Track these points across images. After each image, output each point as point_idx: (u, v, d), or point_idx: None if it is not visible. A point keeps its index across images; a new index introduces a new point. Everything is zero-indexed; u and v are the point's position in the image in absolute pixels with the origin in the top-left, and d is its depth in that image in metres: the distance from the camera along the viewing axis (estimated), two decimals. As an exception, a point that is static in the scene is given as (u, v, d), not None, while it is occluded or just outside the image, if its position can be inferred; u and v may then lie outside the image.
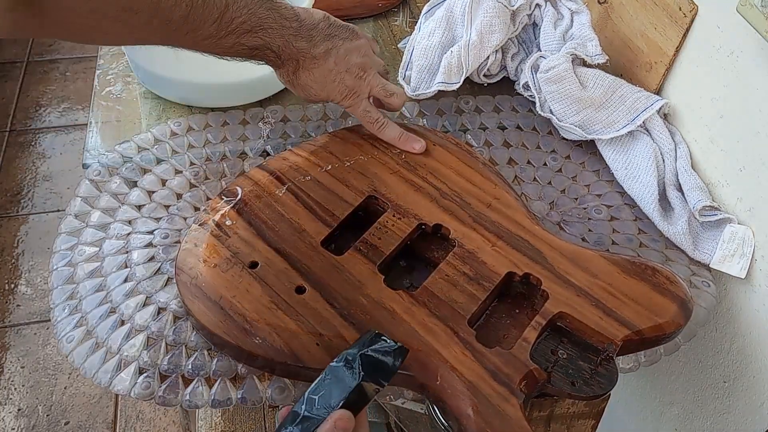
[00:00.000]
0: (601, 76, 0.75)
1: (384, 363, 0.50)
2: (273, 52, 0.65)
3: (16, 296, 1.57)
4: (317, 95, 0.70)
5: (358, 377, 0.48)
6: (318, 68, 0.68)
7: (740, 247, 0.67)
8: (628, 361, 0.61)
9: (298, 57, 0.67)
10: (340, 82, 0.69)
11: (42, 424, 1.36)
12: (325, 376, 0.49)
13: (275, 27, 0.64)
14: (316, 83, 0.69)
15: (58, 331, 0.60)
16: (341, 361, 0.49)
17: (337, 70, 0.68)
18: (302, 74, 0.68)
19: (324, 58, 0.67)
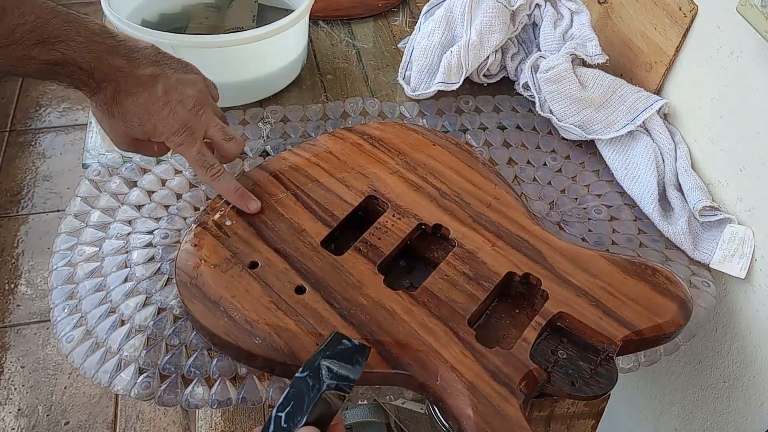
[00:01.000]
0: (601, 76, 0.75)
1: (348, 364, 0.47)
2: (82, 69, 0.56)
3: (16, 296, 1.57)
4: (141, 126, 0.60)
5: (321, 387, 0.45)
6: (144, 93, 0.58)
7: (740, 247, 0.66)
8: (628, 361, 0.61)
9: (117, 78, 0.58)
10: (171, 113, 0.59)
11: (42, 424, 1.36)
12: (290, 390, 0.46)
13: (79, 40, 0.56)
14: (142, 111, 0.59)
15: (58, 331, 0.60)
16: (305, 371, 0.46)
17: (166, 99, 0.59)
18: (124, 99, 0.58)
19: (151, 83, 0.59)
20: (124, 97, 0.58)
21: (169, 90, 0.59)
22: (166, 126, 0.60)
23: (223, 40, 0.76)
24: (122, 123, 0.59)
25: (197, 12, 0.92)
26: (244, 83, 0.81)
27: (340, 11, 1.00)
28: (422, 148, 0.71)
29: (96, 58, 0.56)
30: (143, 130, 0.60)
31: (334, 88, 0.87)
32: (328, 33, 0.97)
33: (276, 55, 0.82)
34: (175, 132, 0.60)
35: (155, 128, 0.60)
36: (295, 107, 0.82)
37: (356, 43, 0.95)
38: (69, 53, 0.55)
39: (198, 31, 0.89)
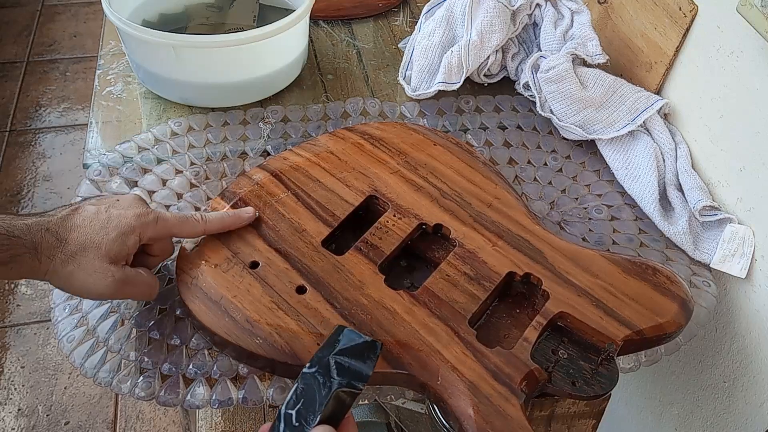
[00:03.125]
0: (601, 75, 0.75)
1: (359, 360, 0.45)
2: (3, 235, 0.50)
3: (16, 296, 1.57)
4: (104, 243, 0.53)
5: (332, 385, 0.44)
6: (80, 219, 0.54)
7: (740, 246, 0.67)
8: (629, 361, 0.61)
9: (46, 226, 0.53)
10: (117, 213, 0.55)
11: (42, 424, 1.36)
12: (299, 386, 0.44)
13: None
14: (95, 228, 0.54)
15: (58, 331, 0.60)
16: (314, 367, 0.45)
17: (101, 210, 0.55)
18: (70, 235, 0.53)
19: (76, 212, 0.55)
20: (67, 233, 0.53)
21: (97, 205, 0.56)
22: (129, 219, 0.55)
23: (223, 40, 0.76)
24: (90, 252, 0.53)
25: (198, 12, 0.92)
26: (244, 83, 0.81)
27: (340, 11, 1.00)
28: (423, 148, 0.71)
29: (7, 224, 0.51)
30: (116, 238, 0.54)
31: (335, 88, 0.87)
32: (328, 33, 0.97)
33: (276, 55, 0.82)
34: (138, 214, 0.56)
35: (123, 225, 0.55)
36: (296, 107, 0.82)
37: (357, 43, 0.95)
38: None
39: (199, 31, 0.89)
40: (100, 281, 0.53)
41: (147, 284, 0.57)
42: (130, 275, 0.55)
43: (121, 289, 0.54)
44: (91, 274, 0.53)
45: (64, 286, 0.54)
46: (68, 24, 2.34)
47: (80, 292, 0.54)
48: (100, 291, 0.54)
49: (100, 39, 0.94)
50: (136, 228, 0.55)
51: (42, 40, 2.27)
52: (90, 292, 0.54)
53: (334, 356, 0.45)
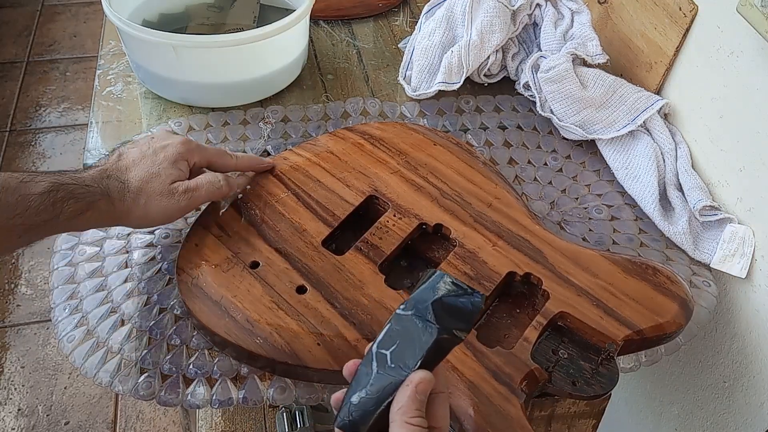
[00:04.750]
0: (601, 75, 0.75)
1: (461, 310, 0.42)
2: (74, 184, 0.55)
3: (16, 296, 1.57)
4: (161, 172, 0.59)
5: (435, 331, 0.41)
6: (129, 161, 0.59)
7: (740, 246, 0.67)
8: (629, 361, 0.61)
9: (105, 174, 0.58)
10: (159, 145, 0.60)
11: (42, 424, 1.36)
12: (392, 327, 0.42)
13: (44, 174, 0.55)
14: (146, 164, 0.59)
15: (58, 331, 0.60)
16: (410, 309, 0.42)
17: (143, 149, 0.60)
18: (128, 175, 0.58)
19: (120, 157, 0.60)
20: (125, 174, 0.58)
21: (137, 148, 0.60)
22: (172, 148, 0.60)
23: (223, 40, 0.76)
24: (151, 182, 0.59)
25: (198, 12, 0.92)
26: (244, 83, 0.81)
27: (340, 11, 1.00)
28: (423, 148, 0.71)
29: (68, 178, 0.55)
30: (170, 162, 0.60)
31: (335, 88, 0.87)
32: (328, 33, 0.97)
33: (277, 55, 0.82)
34: (183, 146, 0.61)
35: (172, 154, 0.60)
36: (296, 107, 0.82)
37: (357, 43, 0.95)
38: (51, 179, 0.54)
39: (199, 31, 0.89)
40: (171, 199, 0.59)
41: (209, 181, 0.62)
42: (191, 183, 0.61)
43: (192, 197, 0.60)
44: (161, 197, 0.59)
45: (144, 220, 0.60)
46: (68, 24, 2.34)
47: (160, 217, 0.60)
48: (177, 207, 0.60)
49: (100, 39, 0.94)
50: (183, 154, 0.61)
51: (42, 40, 2.27)
52: (169, 214, 0.60)
53: (435, 302, 0.42)
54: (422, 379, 0.40)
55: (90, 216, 0.56)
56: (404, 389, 0.40)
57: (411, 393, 0.40)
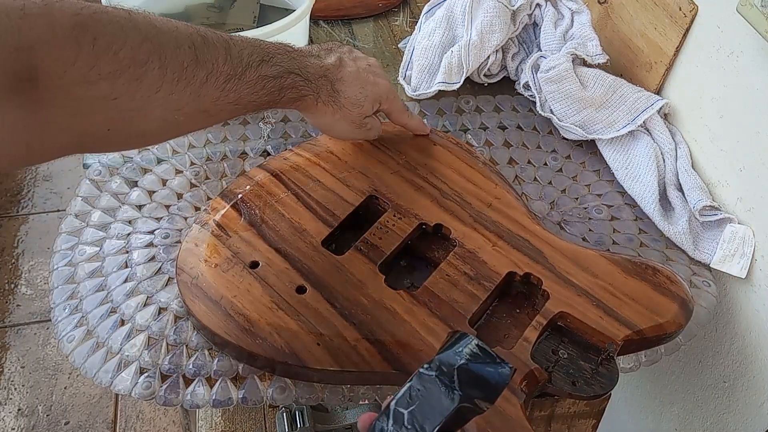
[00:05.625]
0: (601, 75, 0.75)
1: (487, 381, 0.41)
2: (299, 76, 0.59)
3: (16, 296, 1.57)
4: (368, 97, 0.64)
5: (458, 398, 0.40)
6: (347, 73, 0.63)
7: (740, 246, 0.67)
8: (629, 361, 0.61)
9: (324, 73, 0.61)
10: (373, 79, 0.65)
11: (42, 424, 1.36)
12: (413, 385, 0.41)
13: (281, 53, 0.59)
14: (358, 86, 0.63)
15: (58, 331, 0.60)
16: (434, 371, 0.41)
17: (359, 71, 0.64)
18: (340, 87, 0.62)
19: (342, 65, 0.63)
20: (339, 84, 0.63)
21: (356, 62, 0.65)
22: (381, 87, 0.65)
23: (223, 40, 0.76)
24: (352, 107, 0.64)
25: (198, 12, 0.92)
26: (244, 83, 0.81)
27: (340, 11, 1.00)
28: (423, 148, 0.71)
29: (300, 65, 0.60)
30: (373, 99, 0.65)
31: (335, 88, 0.87)
32: (328, 33, 0.97)
33: (276, 55, 0.82)
34: (388, 88, 0.67)
35: (378, 93, 0.65)
36: (296, 107, 0.82)
37: (357, 43, 0.95)
38: (284, 65, 0.58)
39: (198, 31, 0.89)
40: (356, 130, 0.66)
41: (378, 128, 0.69)
42: (374, 123, 0.68)
43: (366, 134, 0.68)
44: (351, 124, 0.65)
45: (327, 129, 0.67)
46: (68, 24, 2.34)
47: (338, 135, 0.68)
48: (354, 136, 0.68)
49: (100, 39, 0.94)
50: (383, 98, 0.66)
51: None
52: (346, 136, 0.68)
53: (460, 368, 0.41)
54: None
55: (298, 105, 0.61)
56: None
57: None
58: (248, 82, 0.55)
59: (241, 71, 0.54)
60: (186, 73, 0.50)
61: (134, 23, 0.47)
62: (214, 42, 0.53)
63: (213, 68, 0.52)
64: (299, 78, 0.59)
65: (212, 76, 0.52)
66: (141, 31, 0.47)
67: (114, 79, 0.45)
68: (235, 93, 0.54)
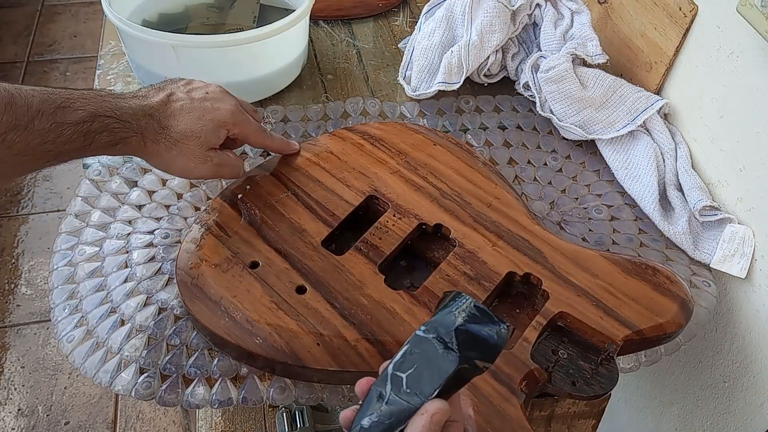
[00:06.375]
0: (601, 76, 0.75)
1: (485, 341, 0.40)
2: (111, 118, 0.55)
3: (16, 296, 1.57)
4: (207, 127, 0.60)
5: (456, 360, 0.39)
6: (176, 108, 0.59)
7: (740, 246, 0.67)
8: (629, 361, 0.61)
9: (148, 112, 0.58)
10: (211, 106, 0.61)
11: (42, 424, 1.36)
12: (411, 348, 0.40)
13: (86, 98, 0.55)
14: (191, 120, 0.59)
15: (58, 330, 0.60)
16: (431, 333, 0.40)
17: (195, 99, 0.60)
18: (171, 123, 0.59)
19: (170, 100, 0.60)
20: (168, 120, 0.59)
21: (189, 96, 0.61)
22: (222, 112, 0.61)
23: (223, 40, 0.76)
24: (188, 140, 0.60)
25: (198, 12, 0.92)
26: (244, 83, 0.81)
27: (340, 11, 1.00)
28: (423, 148, 0.71)
29: (109, 106, 0.56)
30: (214, 127, 0.61)
31: (335, 88, 0.87)
32: (328, 33, 0.97)
33: (276, 55, 0.82)
34: (232, 112, 0.62)
35: (220, 119, 0.61)
36: (296, 107, 0.82)
37: (357, 43, 0.95)
38: (89, 108, 0.55)
39: (199, 31, 0.89)
40: (201, 165, 0.61)
41: (235, 165, 0.65)
42: (223, 158, 0.63)
43: (216, 170, 0.63)
44: (193, 159, 0.60)
45: (166, 168, 0.62)
46: (68, 24, 2.34)
47: (181, 173, 0.63)
48: (200, 173, 0.62)
49: (100, 39, 0.94)
50: (228, 123, 0.62)
51: (42, 40, 2.26)
52: (191, 173, 0.62)
53: (458, 329, 0.40)
54: (438, 410, 0.39)
55: (119, 149, 0.58)
56: (419, 418, 0.38)
57: (426, 423, 0.38)
58: (38, 132, 0.52)
59: (27, 121, 0.51)
60: None
61: None
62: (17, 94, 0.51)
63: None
64: (112, 120, 0.56)
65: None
66: None
67: None
68: (20, 144, 0.51)
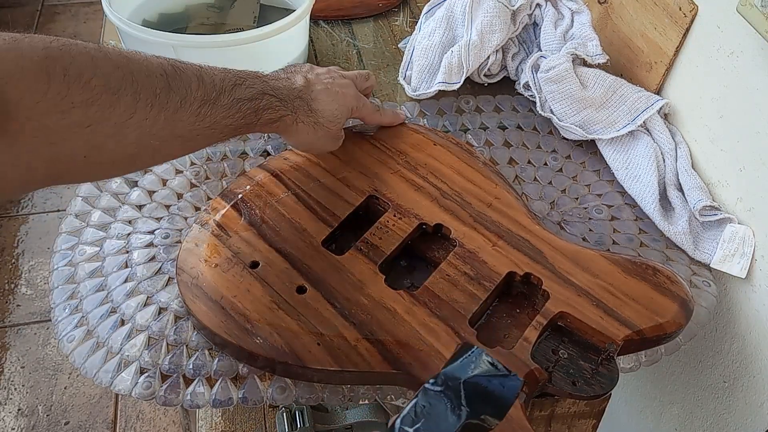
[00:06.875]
0: (601, 75, 0.75)
1: (494, 395, 0.39)
2: (273, 97, 0.60)
3: (16, 296, 1.57)
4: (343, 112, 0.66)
5: (465, 415, 0.38)
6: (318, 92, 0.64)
7: (740, 246, 0.67)
8: (629, 361, 0.61)
9: (297, 94, 0.63)
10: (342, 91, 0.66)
11: (42, 424, 1.36)
12: (419, 402, 0.40)
13: (253, 77, 0.60)
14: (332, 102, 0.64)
15: (58, 330, 0.60)
16: (439, 385, 0.40)
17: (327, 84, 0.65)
18: (316, 105, 0.63)
19: (310, 84, 0.64)
20: (315, 104, 0.63)
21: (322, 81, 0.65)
22: (350, 97, 0.67)
23: (223, 40, 0.76)
24: (332, 123, 0.65)
25: (198, 12, 0.92)
26: (244, 83, 0.81)
27: (340, 11, 1.00)
28: (423, 148, 0.71)
29: (270, 86, 0.60)
30: (347, 110, 0.66)
31: (335, 88, 0.87)
32: (328, 33, 0.97)
33: (277, 55, 0.82)
34: (356, 95, 0.68)
35: (350, 103, 0.66)
36: (296, 107, 0.82)
37: (357, 43, 0.95)
38: (256, 87, 0.59)
39: (199, 31, 0.89)
40: (335, 143, 0.68)
41: (343, 135, 0.69)
42: (342, 133, 0.68)
43: (339, 145, 0.69)
44: (332, 139, 0.67)
45: (308, 147, 0.68)
46: (68, 24, 2.34)
47: (320, 151, 0.69)
48: (333, 148, 0.69)
49: (100, 39, 0.94)
50: (353, 106, 0.67)
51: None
52: (325, 150, 0.69)
53: (467, 382, 0.40)
54: None
55: (276, 126, 0.62)
56: None
57: None
58: (223, 106, 0.56)
59: (215, 96, 0.55)
60: (159, 99, 0.51)
61: (104, 53, 0.48)
62: (185, 70, 0.54)
63: (186, 94, 0.53)
64: (274, 99, 0.60)
65: (186, 101, 0.53)
66: (112, 61, 0.48)
67: (87, 107, 0.46)
68: (210, 117, 0.55)
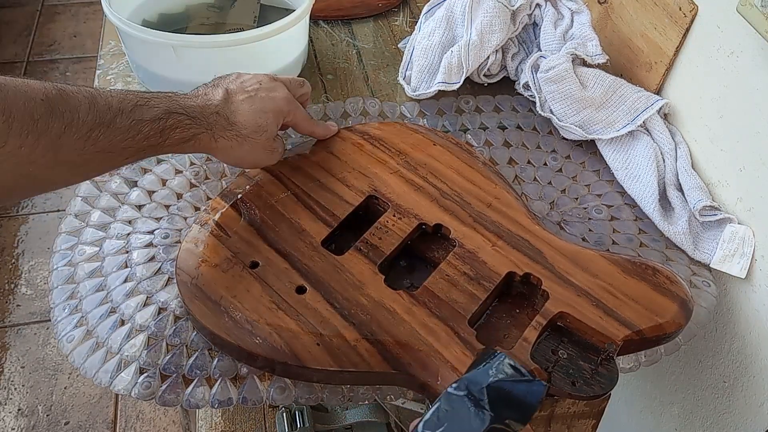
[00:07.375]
0: (601, 75, 0.75)
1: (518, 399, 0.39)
2: (183, 115, 0.58)
3: (16, 296, 1.57)
4: (270, 119, 0.63)
5: (488, 419, 0.38)
6: (238, 102, 0.62)
7: (740, 246, 0.67)
8: (629, 361, 0.61)
9: (214, 109, 0.60)
10: (268, 96, 0.63)
11: (42, 424, 1.36)
12: (441, 406, 0.39)
13: (159, 98, 0.58)
14: (256, 114, 0.62)
15: (58, 330, 0.60)
16: (462, 390, 0.39)
17: (251, 92, 0.63)
18: (238, 119, 0.61)
19: (230, 96, 0.62)
20: (235, 116, 0.61)
21: (245, 90, 0.63)
22: (278, 101, 0.64)
23: (223, 40, 0.76)
24: (258, 134, 0.63)
25: (198, 12, 0.92)
26: (244, 83, 0.81)
27: (340, 11, 1.00)
28: (423, 148, 0.71)
29: (179, 104, 0.59)
30: (275, 117, 0.64)
31: (335, 88, 0.87)
32: (328, 33, 0.97)
33: (276, 55, 0.82)
34: (286, 98, 0.65)
35: (278, 108, 0.64)
36: (296, 107, 0.82)
37: (357, 43, 0.95)
38: (163, 105, 0.57)
39: (199, 31, 0.89)
40: (270, 155, 0.66)
41: (282, 147, 0.68)
42: (278, 145, 0.67)
43: (275, 158, 0.67)
44: (262, 151, 0.64)
45: (238, 162, 0.66)
46: (68, 24, 2.34)
47: (252, 165, 0.67)
48: (269, 162, 0.67)
49: (100, 39, 0.94)
50: (284, 111, 0.65)
51: (42, 40, 2.27)
52: (261, 164, 0.67)
53: (490, 386, 0.39)
54: None
55: (191, 146, 0.60)
56: None
57: None
58: (119, 129, 0.54)
59: (110, 118, 0.53)
60: (38, 125, 0.49)
61: None
62: (74, 94, 0.52)
63: (73, 118, 0.51)
64: (184, 117, 0.58)
65: (72, 126, 0.51)
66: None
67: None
68: (104, 141, 0.53)
